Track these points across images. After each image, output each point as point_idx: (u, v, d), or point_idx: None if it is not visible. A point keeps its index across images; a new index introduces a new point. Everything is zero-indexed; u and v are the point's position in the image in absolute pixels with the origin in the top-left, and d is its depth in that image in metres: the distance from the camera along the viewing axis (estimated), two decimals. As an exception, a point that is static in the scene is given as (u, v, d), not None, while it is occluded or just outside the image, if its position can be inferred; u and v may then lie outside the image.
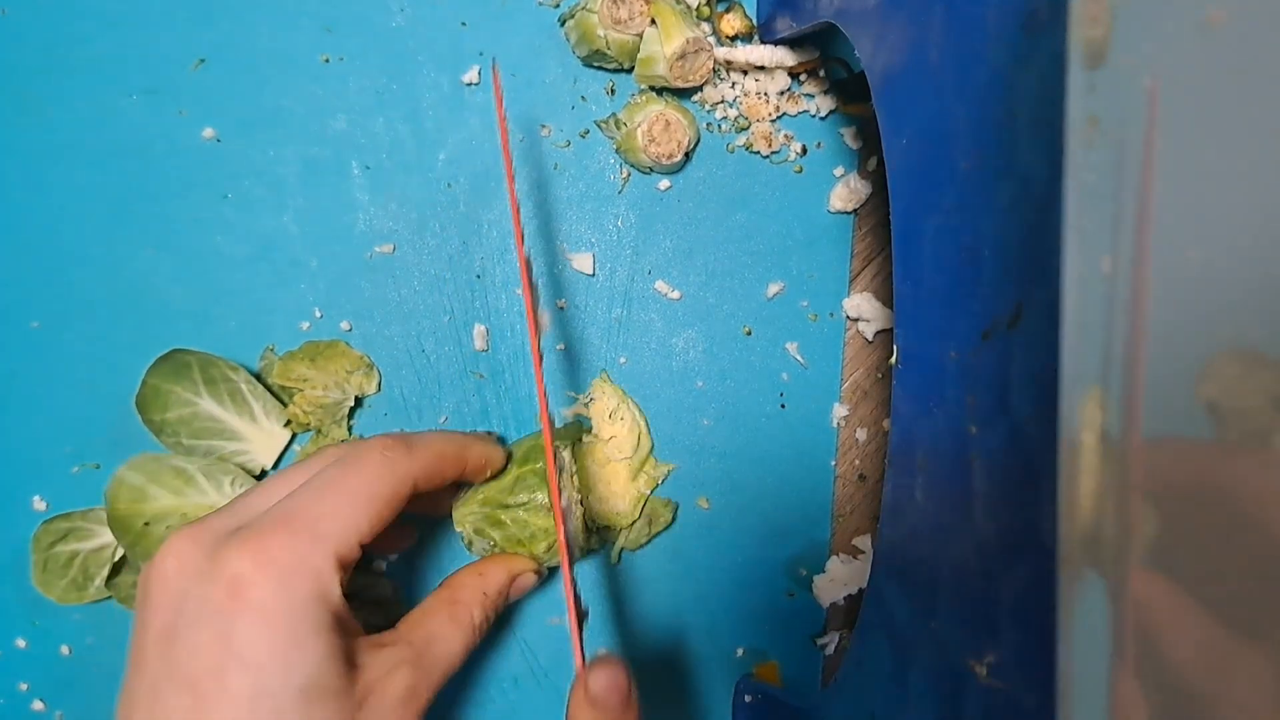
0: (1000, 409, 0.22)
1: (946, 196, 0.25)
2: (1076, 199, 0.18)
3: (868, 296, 0.44)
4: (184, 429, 0.38)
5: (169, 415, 0.38)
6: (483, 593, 0.36)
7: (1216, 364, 0.18)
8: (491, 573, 0.37)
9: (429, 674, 0.32)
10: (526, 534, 0.38)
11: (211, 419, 0.38)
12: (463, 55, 0.41)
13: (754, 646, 0.44)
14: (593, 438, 0.42)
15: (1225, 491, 0.18)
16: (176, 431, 0.38)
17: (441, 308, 0.42)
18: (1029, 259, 0.20)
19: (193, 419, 0.38)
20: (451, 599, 0.35)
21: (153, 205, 0.40)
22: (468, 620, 0.35)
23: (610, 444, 0.42)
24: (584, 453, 0.42)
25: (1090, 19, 0.18)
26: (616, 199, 0.43)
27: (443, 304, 0.42)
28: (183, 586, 0.29)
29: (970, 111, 0.24)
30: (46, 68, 0.40)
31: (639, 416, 0.43)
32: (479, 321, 0.42)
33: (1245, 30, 0.18)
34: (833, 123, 0.44)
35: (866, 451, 0.45)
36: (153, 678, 0.28)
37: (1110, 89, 0.18)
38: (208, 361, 0.39)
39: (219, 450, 0.39)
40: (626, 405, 0.42)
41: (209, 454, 0.39)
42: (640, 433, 0.42)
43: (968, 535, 0.24)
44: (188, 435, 0.38)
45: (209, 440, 0.39)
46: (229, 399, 0.39)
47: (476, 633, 0.35)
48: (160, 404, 0.38)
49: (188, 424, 0.38)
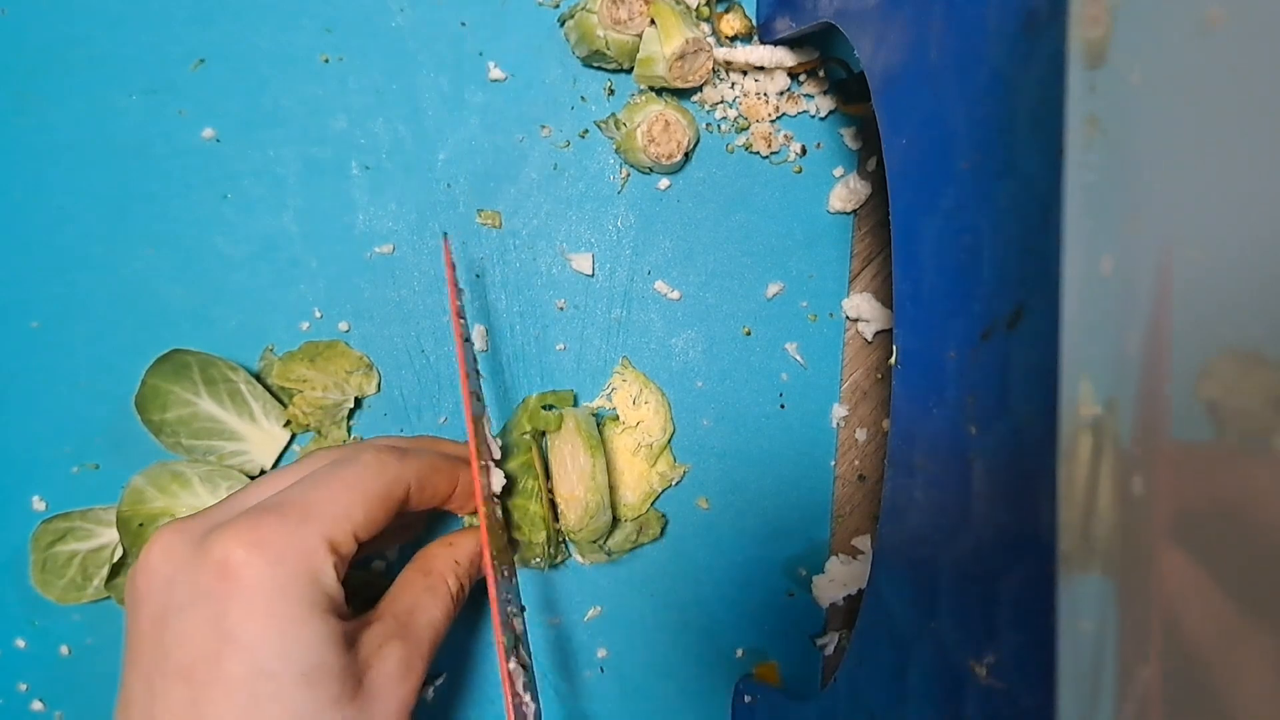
0: (1000, 409, 0.22)
1: (946, 196, 0.25)
2: (1076, 199, 0.18)
3: (867, 297, 0.44)
4: (183, 429, 0.38)
5: (168, 415, 0.38)
6: (454, 561, 0.36)
7: (1217, 364, 0.18)
8: (461, 542, 0.37)
9: (419, 645, 0.32)
10: (529, 523, 0.38)
11: (211, 419, 0.38)
12: (463, 55, 0.41)
13: (754, 646, 0.44)
14: (620, 425, 0.42)
15: (1227, 491, 0.18)
16: (176, 431, 0.38)
17: (441, 308, 0.42)
18: (1029, 259, 0.20)
19: (192, 419, 0.38)
20: (425, 569, 0.35)
21: (152, 205, 0.40)
22: (444, 589, 0.35)
23: (639, 429, 0.42)
24: (611, 441, 0.42)
25: (1090, 19, 0.18)
26: (616, 199, 0.43)
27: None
28: (170, 574, 0.28)
29: (970, 111, 0.24)
30: (46, 67, 0.40)
31: (662, 399, 0.43)
32: (479, 321, 0.42)
33: (1245, 30, 0.18)
34: (832, 123, 0.44)
35: (866, 452, 0.45)
36: (147, 671, 0.28)
37: (1110, 89, 0.18)
38: (207, 362, 0.39)
39: (218, 450, 0.39)
40: (650, 389, 0.42)
41: (208, 454, 0.39)
42: (666, 416, 0.43)
43: (967, 535, 0.24)
44: (187, 435, 0.38)
45: (208, 440, 0.39)
46: (228, 399, 0.39)
47: (454, 601, 0.35)
48: (160, 404, 0.38)
49: (187, 424, 0.38)
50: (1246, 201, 0.18)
